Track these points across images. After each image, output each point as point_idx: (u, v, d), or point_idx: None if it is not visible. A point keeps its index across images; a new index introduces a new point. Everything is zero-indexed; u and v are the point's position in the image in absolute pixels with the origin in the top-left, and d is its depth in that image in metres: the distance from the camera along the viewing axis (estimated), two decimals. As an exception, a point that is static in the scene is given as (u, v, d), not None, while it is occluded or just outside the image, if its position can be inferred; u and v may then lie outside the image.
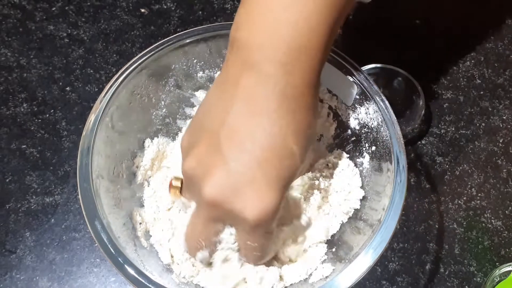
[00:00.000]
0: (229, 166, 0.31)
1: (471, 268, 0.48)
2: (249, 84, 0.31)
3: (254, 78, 0.31)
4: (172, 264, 0.41)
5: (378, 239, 0.36)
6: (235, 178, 0.31)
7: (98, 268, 0.47)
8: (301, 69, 0.31)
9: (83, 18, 0.61)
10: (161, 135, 0.47)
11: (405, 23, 0.61)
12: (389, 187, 0.39)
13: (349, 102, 0.43)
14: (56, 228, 0.49)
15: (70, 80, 0.57)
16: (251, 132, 0.31)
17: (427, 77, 0.56)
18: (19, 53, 0.58)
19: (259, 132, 0.31)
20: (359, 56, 0.59)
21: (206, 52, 0.45)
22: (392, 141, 0.40)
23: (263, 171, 0.31)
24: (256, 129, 0.31)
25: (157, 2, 0.62)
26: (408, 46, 0.60)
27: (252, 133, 0.31)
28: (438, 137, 0.55)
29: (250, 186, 0.31)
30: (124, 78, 0.42)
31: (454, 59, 0.59)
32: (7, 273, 0.47)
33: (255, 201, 0.31)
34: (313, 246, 0.42)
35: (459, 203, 0.51)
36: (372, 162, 0.44)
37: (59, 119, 0.55)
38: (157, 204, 0.44)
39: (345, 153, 0.46)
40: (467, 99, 0.57)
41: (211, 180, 0.32)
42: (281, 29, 0.31)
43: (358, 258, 0.36)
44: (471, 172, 0.53)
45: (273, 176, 0.31)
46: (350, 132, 0.45)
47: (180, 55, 0.45)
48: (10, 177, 0.51)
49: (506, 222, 0.51)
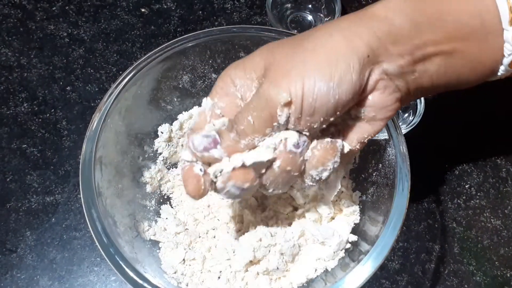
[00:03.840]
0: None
1: (470, 267, 0.49)
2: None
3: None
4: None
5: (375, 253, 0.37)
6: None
7: (98, 267, 0.48)
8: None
9: (84, 17, 0.61)
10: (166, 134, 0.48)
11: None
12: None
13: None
14: (57, 227, 0.49)
15: (71, 79, 0.57)
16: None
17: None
18: (19, 52, 0.58)
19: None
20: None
21: (207, 55, 0.46)
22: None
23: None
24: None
25: (157, 2, 0.62)
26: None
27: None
28: (438, 136, 0.55)
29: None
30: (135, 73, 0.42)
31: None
32: (7, 272, 0.47)
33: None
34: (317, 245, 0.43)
35: (459, 202, 0.52)
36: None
37: (59, 118, 0.55)
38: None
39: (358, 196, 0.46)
40: (467, 99, 0.57)
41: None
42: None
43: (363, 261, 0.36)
44: (471, 172, 0.53)
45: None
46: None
47: (185, 57, 0.45)
48: (11, 176, 0.52)
49: (505, 221, 0.51)
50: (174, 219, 0.45)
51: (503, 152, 0.54)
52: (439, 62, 0.33)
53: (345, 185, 0.46)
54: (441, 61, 0.33)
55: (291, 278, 0.42)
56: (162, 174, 0.47)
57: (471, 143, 0.55)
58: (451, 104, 0.56)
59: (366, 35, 0.32)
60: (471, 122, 0.56)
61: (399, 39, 0.32)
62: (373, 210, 0.42)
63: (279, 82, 0.31)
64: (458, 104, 0.56)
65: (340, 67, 0.31)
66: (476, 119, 0.56)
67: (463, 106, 0.56)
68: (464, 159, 0.54)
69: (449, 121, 0.55)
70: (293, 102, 0.31)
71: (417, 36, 0.32)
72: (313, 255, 0.43)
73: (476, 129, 0.55)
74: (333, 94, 0.31)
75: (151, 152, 0.47)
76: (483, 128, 0.55)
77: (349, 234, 0.43)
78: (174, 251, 0.43)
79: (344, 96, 0.31)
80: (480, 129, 0.55)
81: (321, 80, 0.31)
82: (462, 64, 0.33)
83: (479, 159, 0.54)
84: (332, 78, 0.31)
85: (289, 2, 0.62)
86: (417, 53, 0.32)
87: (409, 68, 0.33)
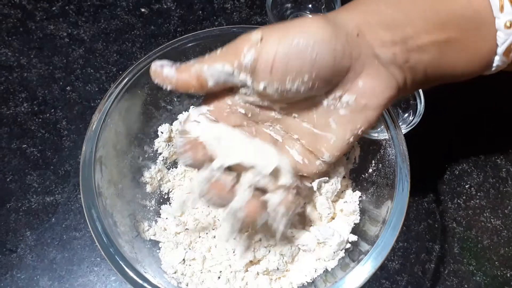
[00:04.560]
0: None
1: (470, 267, 0.49)
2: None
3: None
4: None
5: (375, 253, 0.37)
6: None
7: (98, 267, 0.48)
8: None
9: (83, 17, 0.61)
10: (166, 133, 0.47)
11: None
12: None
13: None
14: (57, 227, 0.49)
15: (71, 79, 0.57)
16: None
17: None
18: (19, 52, 0.58)
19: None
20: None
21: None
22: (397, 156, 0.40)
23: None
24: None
25: (157, 2, 0.62)
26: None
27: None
28: (438, 136, 0.55)
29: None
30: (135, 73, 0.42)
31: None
32: (7, 272, 0.47)
33: None
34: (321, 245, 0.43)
35: (459, 202, 0.52)
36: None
37: (59, 118, 0.55)
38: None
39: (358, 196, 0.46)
40: (467, 99, 0.57)
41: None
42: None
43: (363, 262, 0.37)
44: (471, 172, 0.53)
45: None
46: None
47: (185, 57, 0.45)
48: (11, 176, 0.52)
49: (505, 221, 0.51)
50: (174, 219, 0.45)
51: (503, 152, 0.54)
52: (434, 52, 0.32)
53: (345, 185, 0.46)
54: (435, 50, 0.32)
55: (291, 278, 0.42)
56: (162, 174, 0.47)
57: (471, 143, 0.54)
58: (451, 104, 0.56)
59: (357, 18, 0.32)
60: (471, 122, 0.56)
61: (391, 27, 0.32)
62: (373, 210, 0.42)
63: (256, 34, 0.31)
64: (458, 104, 0.56)
65: (325, 32, 0.31)
66: (476, 119, 0.56)
67: (463, 106, 0.56)
68: (464, 159, 0.54)
69: (449, 121, 0.55)
70: (264, 51, 0.30)
71: (410, 24, 0.32)
72: (313, 255, 0.43)
73: (476, 129, 0.55)
74: (310, 53, 0.30)
75: (151, 152, 0.47)
76: (483, 128, 0.55)
77: (349, 234, 0.43)
78: (174, 251, 0.43)
79: (322, 61, 0.31)
80: (480, 129, 0.55)
81: (300, 37, 0.30)
82: (456, 54, 0.33)
83: (479, 159, 0.54)
84: (313, 38, 0.30)
85: (289, 2, 0.62)
86: (411, 41, 0.32)
87: (403, 56, 0.32)
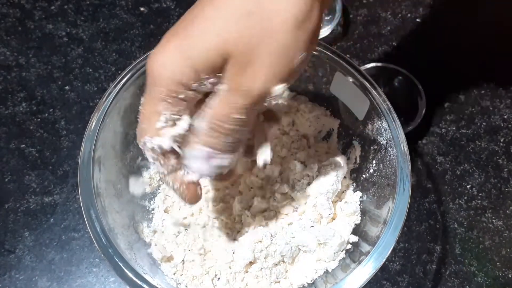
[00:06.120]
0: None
1: (472, 268, 0.48)
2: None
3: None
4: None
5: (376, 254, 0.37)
6: None
7: (97, 268, 0.47)
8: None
9: (82, 17, 0.61)
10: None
11: (406, 21, 0.61)
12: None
13: (361, 117, 0.44)
14: (55, 228, 0.49)
15: (69, 79, 0.57)
16: None
17: (428, 76, 0.56)
18: (18, 52, 0.58)
19: None
20: (360, 55, 0.59)
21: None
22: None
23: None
24: None
25: (157, 1, 0.62)
26: (409, 45, 0.60)
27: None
28: (439, 136, 0.54)
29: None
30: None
31: (454, 58, 0.59)
32: (6, 273, 0.47)
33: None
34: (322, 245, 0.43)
35: (460, 203, 0.51)
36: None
37: (58, 118, 0.54)
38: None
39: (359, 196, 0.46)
40: (468, 98, 0.56)
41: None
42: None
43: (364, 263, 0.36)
44: (472, 172, 0.53)
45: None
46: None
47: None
48: (9, 176, 0.51)
49: (507, 221, 0.50)
50: (174, 219, 0.45)
51: (504, 152, 0.54)
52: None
53: (346, 185, 0.46)
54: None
55: (291, 279, 0.42)
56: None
57: (471, 143, 0.54)
58: (451, 104, 0.56)
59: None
60: (471, 122, 0.55)
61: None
62: (374, 210, 0.42)
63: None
64: (458, 104, 0.56)
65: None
66: (476, 119, 0.55)
67: (463, 106, 0.56)
68: (466, 159, 0.53)
69: (449, 121, 0.55)
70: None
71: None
72: (314, 256, 0.42)
73: (476, 129, 0.55)
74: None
75: (150, 152, 0.46)
76: (484, 128, 0.55)
77: (349, 234, 0.43)
78: (174, 251, 0.43)
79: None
80: (480, 129, 0.55)
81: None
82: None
83: (480, 159, 0.53)
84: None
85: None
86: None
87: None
